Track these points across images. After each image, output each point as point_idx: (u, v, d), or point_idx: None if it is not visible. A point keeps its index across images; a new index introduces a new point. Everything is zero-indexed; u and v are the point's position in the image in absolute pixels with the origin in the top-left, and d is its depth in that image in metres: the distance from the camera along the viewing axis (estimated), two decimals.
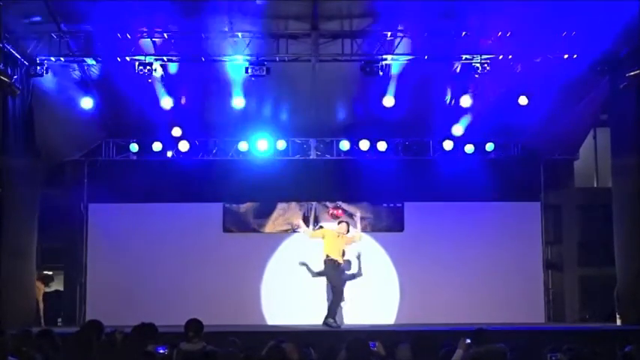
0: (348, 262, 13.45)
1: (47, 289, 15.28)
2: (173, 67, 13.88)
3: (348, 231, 13.12)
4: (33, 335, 7.61)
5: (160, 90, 14.16)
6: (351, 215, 14.11)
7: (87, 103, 14.04)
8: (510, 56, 13.54)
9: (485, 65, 13.57)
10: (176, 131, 15.32)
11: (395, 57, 13.64)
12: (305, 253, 15.05)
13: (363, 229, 16.05)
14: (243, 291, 15.66)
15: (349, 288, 14.63)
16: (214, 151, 16.09)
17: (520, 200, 16.24)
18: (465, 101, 14.35)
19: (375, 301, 15.62)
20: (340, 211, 13.16)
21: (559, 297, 16.43)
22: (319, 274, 13.06)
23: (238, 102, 14.16)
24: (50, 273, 15.48)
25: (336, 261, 12.80)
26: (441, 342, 7.17)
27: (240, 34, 13.27)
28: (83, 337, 6.78)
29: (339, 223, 13.55)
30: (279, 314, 15.51)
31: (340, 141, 15.90)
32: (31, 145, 13.78)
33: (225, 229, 16.14)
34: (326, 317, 12.88)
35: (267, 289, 15.91)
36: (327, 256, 12.60)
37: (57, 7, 12.38)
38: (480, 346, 6.61)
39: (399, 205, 16.23)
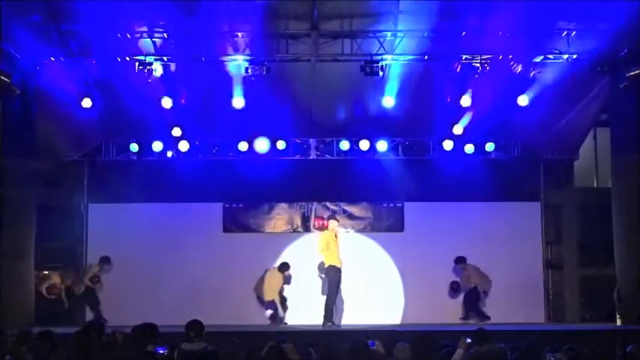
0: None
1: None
2: (173, 67, 13.88)
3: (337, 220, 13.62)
4: (33, 335, 7.61)
5: (160, 90, 14.17)
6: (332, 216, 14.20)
7: (87, 103, 14.03)
8: (510, 56, 13.56)
9: (486, 65, 13.59)
10: (176, 131, 15.31)
11: (395, 57, 13.66)
12: (305, 253, 15.10)
13: (363, 230, 16.15)
14: (243, 291, 15.63)
15: (352, 288, 14.69)
16: (214, 151, 16.08)
17: (520, 200, 16.23)
18: (465, 101, 14.35)
19: (379, 301, 15.61)
20: (324, 222, 13.21)
21: (559, 297, 16.44)
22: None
23: (238, 102, 14.16)
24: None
25: (335, 266, 12.99)
26: (441, 342, 7.17)
27: (240, 34, 13.27)
28: (83, 337, 6.78)
29: (328, 219, 13.67)
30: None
31: (340, 141, 15.90)
32: (31, 145, 13.78)
33: (225, 229, 16.12)
34: (324, 320, 12.94)
35: None
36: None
37: (57, 7, 12.37)
38: (480, 346, 6.61)
39: (399, 205, 16.22)
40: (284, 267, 14.94)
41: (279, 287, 14.90)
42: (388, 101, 14.15)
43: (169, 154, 15.92)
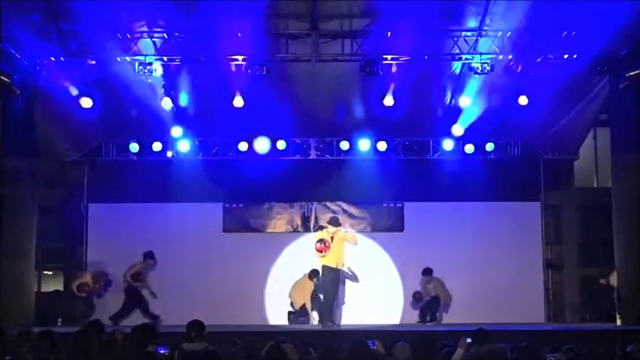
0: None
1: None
2: (173, 67, 13.89)
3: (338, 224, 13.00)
4: (33, 335, 7.61)
5: (160, 90, 14.17)
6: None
7: (87, 103, 14.04)
8: (510, 56, 13.56)
9: (485, 65, 13.59)
10: (176, 131, 15.32)
11: (395, 57, 13.65)
12: (305, 253, 15.08)
13: (363, 230, 16.14)
14: (243, 291, 15.64)
15: (352, 288, 14.66)
16: (214, 151, 16.09)
17: (520, 200, 16.22)
18: (465, 101, 14.36)
19: (379, 301, 15.61)
20: (323, 245, 12.71)
21: (559, 297, 16.43)
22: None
23: (238, 102, 14.17)
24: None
25: (329, 266, 12.80)
26: (440, 342, 7.17)
27: (239, 34, 13.27)
28: (84, 338, 6.78)
29: (328, 222, 13.39)
30: (280, 314, 15.48)
31: (340, 141, 15.90)
32: (32, 145, 13.79)
33: (225, 229, 16.11)
34: (323, 322, 12.88)
35: (268, 290, 15.90)
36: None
37: (57, 7, 12.38)
38: (480, 346, 6.62)
39: (399, 205, 16.22)
40: (314, 274, 14.71)
41: (309, 294, 14.74)
42: (388, 101, 14.14)
43: (169, 154, 15.92)
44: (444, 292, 15.30)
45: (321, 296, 14.42)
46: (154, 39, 13.44)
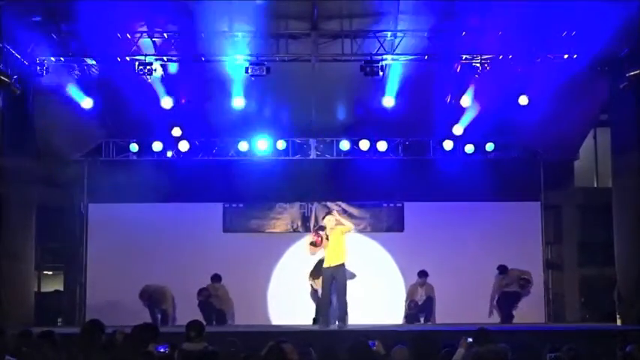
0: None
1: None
2: (173, 67, 13.89)
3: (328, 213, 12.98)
4: (33, 335, 7.62)
5: (160, 90, 14.18)
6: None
7: (87, 103, 14.05)
8: (510, 56, 13.56)
9: (486, 65, 13.60)
10: (176, 131, 15.32)
11: (395, 57, 13.65)
12: (306, 254, 15.07)
13: (363, 230, 16.13)
14: (243, 291, 15.64)
15: (352, 289, 14.63)
16: (214, 151, 16.08)
17: (520, 200, 16.21)
18: (465, 101, 14.36)
19: (380, 301, 15.59)
20: (318, 237, 12.41)
21: (559, 297, 16.43)
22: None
23: (238, 102, 14.17)
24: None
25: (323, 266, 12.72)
26: (441, 342, 7.18)
27: (240, 34, 13.28)
28: (85, 337, 6.78)
29: (323, 218, 13.07)
30: (280, 314, 15.49)
31: (340, 141, 15.90)
32: (31, 145, 13.78)
33: (225, 229, 16.11)
34: (319, 323, 12.86)
35: (269, 289, 15.90)
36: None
37: (57, 7, 12.38)
38: (481, 346, 6.61)
39: (399, 205, 16.22)
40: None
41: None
42: (388, 101, 14.17)
43: (169, 154, 15.92)
44: (433, 295, 15.26)
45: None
46: (154, 39, 13.43)
